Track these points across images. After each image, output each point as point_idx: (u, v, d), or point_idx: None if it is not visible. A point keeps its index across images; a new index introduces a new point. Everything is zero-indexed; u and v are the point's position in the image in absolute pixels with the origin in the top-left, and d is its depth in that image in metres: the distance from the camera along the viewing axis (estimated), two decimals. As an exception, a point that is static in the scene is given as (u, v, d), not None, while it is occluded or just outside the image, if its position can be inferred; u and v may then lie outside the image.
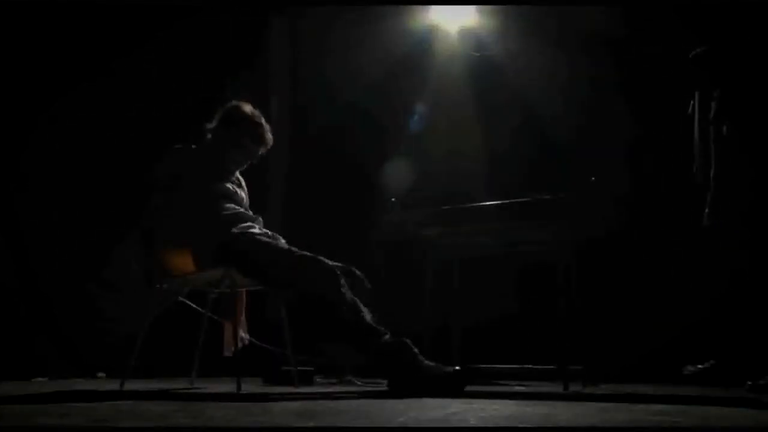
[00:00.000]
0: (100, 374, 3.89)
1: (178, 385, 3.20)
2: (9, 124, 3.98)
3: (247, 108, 3.11)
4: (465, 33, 4.90)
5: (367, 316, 2.72)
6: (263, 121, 3.11)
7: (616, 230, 3.74)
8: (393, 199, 3.74)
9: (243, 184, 3.19)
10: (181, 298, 3.15)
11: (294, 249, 2.87)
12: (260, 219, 3.05)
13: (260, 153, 3.14)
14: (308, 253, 2.84)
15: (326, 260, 2.82)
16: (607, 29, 4.33)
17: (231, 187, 3.07)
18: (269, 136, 3.12)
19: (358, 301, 2.74)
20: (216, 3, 4.62)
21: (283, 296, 3.03)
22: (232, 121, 3.08)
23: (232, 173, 3.14)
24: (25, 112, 4.02)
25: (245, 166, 3.16)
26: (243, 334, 3.13)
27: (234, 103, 3.13)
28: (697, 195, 3.57)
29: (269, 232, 2.99)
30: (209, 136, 3.11)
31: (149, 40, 4.31)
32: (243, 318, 3.17)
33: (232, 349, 3.06)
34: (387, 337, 2.66)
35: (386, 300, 3.07)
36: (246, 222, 2.96)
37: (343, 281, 2.76)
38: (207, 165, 3.03)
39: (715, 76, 3.50)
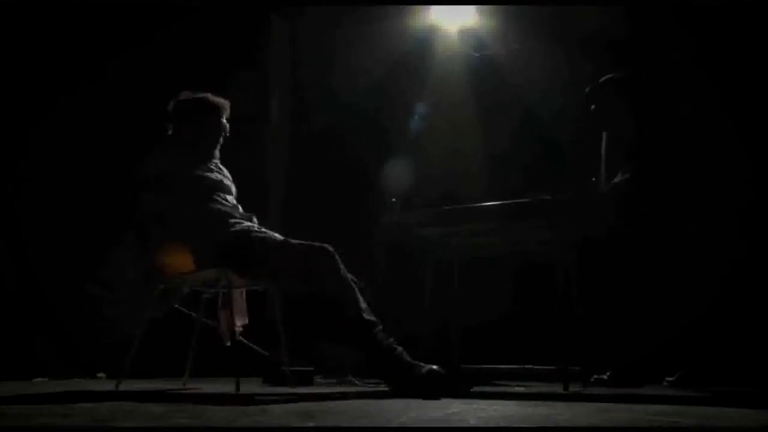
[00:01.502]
0: (100, 374, 3.89)
1: (176, 385, 3.20)
2: (8, 125, 3.98)
3: (191, 95, 3.13)
4: (465, 33, 4.90)
5: (363, 304, 2.71)
6: (207, 94, 3.13)
7: (616, 230, 3.74)
8: (393, 199, 3.73)
9: (226, 172, 3.19)
10: (177, 301, 3.14)
11: (290, 239, 2.86)
12: (254, 217, 3.05)
13: (227, 122, 3.16)
14: (303, 242, 2.82)
15: (326, 245, 2.80)
16: (608, 29, 4.33)
17: (217, 176, 3.08)
18: (224, 100, 3.15)
19: (357, 289, 2.73)
20: (216, 3, 4.62)
21: (283, 291, 3.03)
22: (193, 113, 3.09)
23: (213, 158, 3.14)
24: (24, 114, 4.01)
25: (222, 142, 3.17)
26: (239, 323, 3.11)
27: (174, 101, 3.14)
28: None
29: (265, 230, 2.98)
30: (178, 137, 3.10)
31: (148, 39, 4.31)
32: (243, 308, 3.16)
33: (229, 337, 3.07)
34: (379, 329, 2.65)
35: (386, 300, 3.07)
36: (241, 219, 2.96)
37: (342, 267, 2.75)
38: (194, 161, 3.04)
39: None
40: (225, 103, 3.15)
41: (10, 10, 3.96)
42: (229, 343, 3.06)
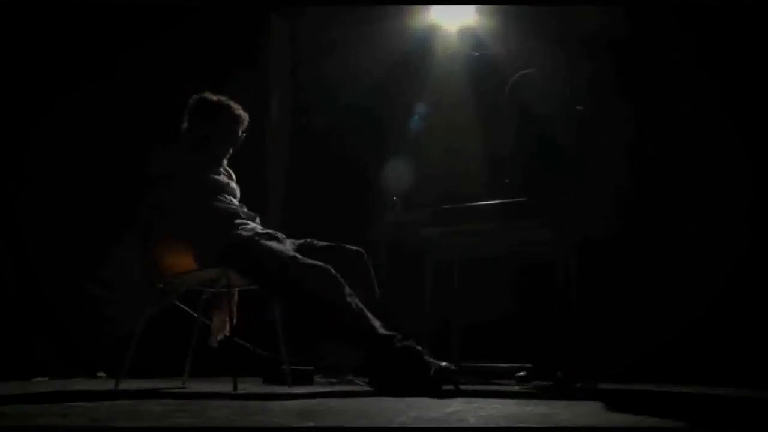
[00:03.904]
0: (100, 374, 3.89)
1: (175, 385, 3.20)
2: (8, 124, 3.98)
3: (215, 97, 3.10)
4: (465, 33, 4.90)
5: (375, 323, 2.68)
6: (232, 102, 3.11)
7: (616, 230, 3.75)
8: (393, 199, 3.73)
9: (233, 176, 3.18)
10: (175, 300, 3.14)
11: (299, 256, 2.83)
12: (257, 218, 3.04)
13: (241, 134, 3.13)
14: (313, 261, 2.79)
15: (330, 268, 2.77)
16: (608, 29, 4.33)
17: (223, 179, 3.07)
18: (244, 113, 3.11)
19: (364, 308, 2.71)
20: (216, 3, 4.62)
21: (285, 302, 3.02)
22: (212, 114, 3.07)
23: (221, 164, 3.14)
24: (25, 113, 4.01)
25: (232, 152, 3.16)
26: (227, 328, 3.09)
27: (198, 96, 3.11)
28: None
29: (270, 232, 2.98)
30: (190, 134, 3.08)
31: (148, 39, 4.31)
32: (234, 312, 3.15)
33: (217, 339, 3.07)
34: (398, 338, 2.64)
35: (386, 300, 3.07)
36: (246, 221, 2.95)
37: (348, 289, 2.72)
38: (200, 160, 3.03)
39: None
40: (246, 117, 3.12)
41: (9, 10, 3.96)
42: (216, 344, 3.07)
